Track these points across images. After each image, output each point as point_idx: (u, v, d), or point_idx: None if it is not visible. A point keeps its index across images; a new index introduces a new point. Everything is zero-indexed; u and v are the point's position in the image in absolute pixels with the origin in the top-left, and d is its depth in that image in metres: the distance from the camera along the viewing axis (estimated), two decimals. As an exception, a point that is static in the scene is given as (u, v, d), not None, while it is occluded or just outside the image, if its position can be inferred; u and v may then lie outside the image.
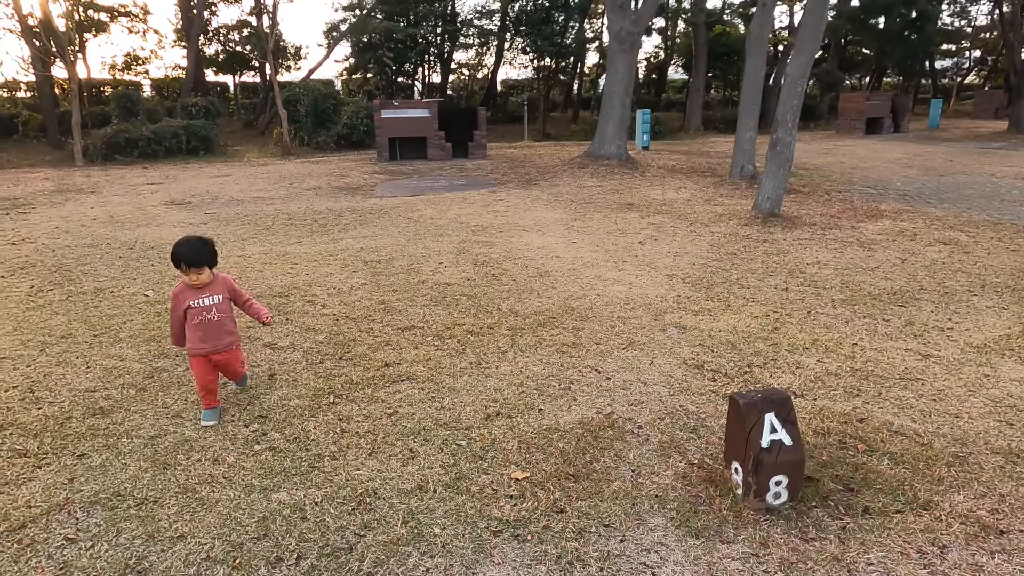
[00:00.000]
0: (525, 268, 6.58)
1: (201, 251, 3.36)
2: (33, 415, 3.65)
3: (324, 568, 2.46)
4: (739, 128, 12.76)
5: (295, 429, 3.48)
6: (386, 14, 26.14)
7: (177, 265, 3.37)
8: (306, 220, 9.23)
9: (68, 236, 8.36)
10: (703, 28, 26.59)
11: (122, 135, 17.45)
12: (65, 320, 5.19)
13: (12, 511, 2.81)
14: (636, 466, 3.11)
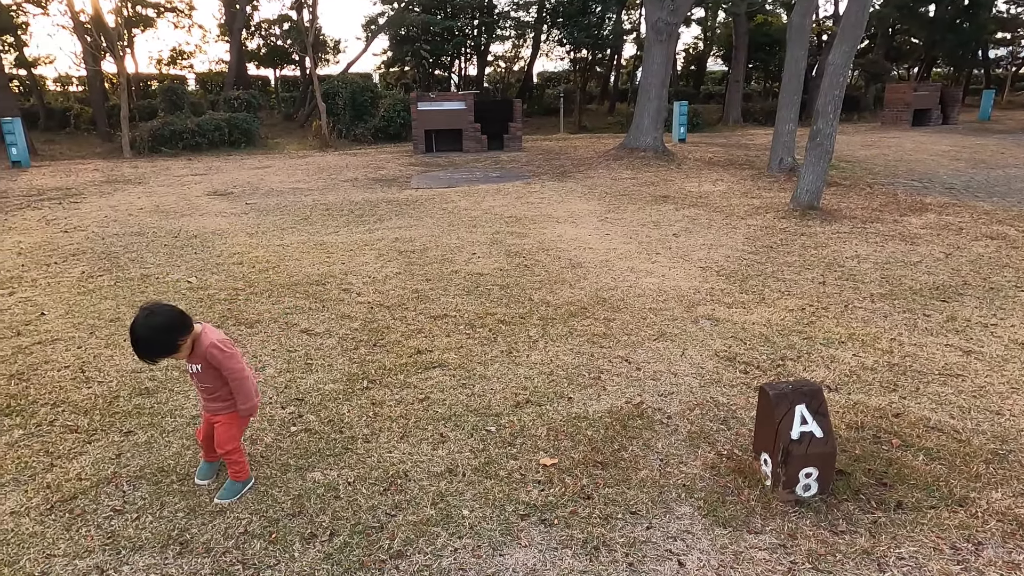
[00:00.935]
0: (558, 259, 6.59)
1: (161, 339, 2.52)
2: (84, 394, 3.82)
3: (356, 545, 2.54)
4: (778, 120, 12.51)
5: (330, 412, 3.57)
6: (424, 7, 26.27)
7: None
8: (343, 211, 9.39)
9: (116, 225, 8.66)
10: (744, 18, 26.07)
11: (167, 128, 17.94)
12: (113, 304, 5.40)
13: (64, 483, 2.96)
14: (664, 455, 3.12)
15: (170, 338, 2.52)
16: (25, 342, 4.61)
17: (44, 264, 6.72)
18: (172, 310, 2.58)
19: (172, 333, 2.53)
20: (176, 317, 2.56)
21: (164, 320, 2.52)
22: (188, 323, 2.59)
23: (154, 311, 2.54)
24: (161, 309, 2.56)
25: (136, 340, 2.49)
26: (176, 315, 2.56)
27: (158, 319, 2.51)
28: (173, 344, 2.53)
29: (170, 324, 2.53)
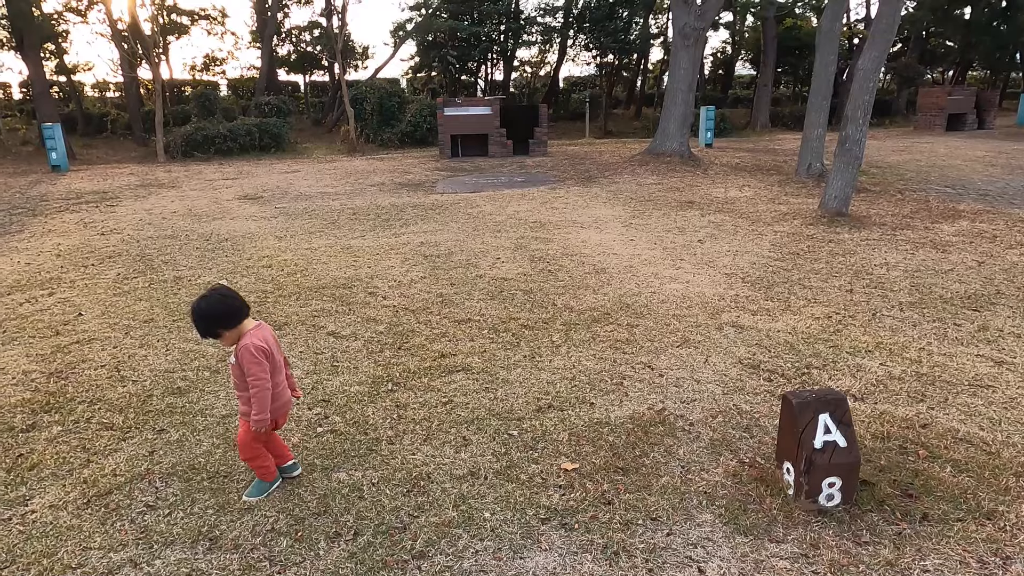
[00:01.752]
0: (581, 264, 6.61)
1: (199, 323, 2.66)
2: (119, 392, 3.94)
3: (379, 545, 2.59)
4: (807, 125, 12.37)
5: (355, 414, 3.64)
6: (451, 13, 26.48)
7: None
8: (370, 215, 9.51)
9: (151, 228, 8.88)
10: (772, 22, 25.81)
11: (200, 132, 18.33)
12: (147, 306, 5.55)
13: (100, 478, 3.06)
14: (686, 462, 3.12)
15: (209, 325, 2.65)
16: (64, 341, 4.76)
17: (82, 266, 6.93)
18: (223, 301, 2.66)
19: (212, 322, 2.64)
20: (223, 310, 2.65)
21: (209, 308, 2.63)
22: (234, 317, 2.67)
23: (209, 297, 2.66)
24: (215, 297, 2.66)
25: (193, 311, 2.66)
26: (224, 308, 2.65)
27: (205, 305, 2.63)
28: (212, 331, 2.66)
29: (213, 313, 2.64)
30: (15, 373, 4.22)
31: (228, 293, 2.71)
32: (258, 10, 26.94)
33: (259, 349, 2.66)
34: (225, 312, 2.66)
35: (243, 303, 2.72)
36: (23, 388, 4.01)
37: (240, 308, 2.69)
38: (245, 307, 2.72)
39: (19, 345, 4.71)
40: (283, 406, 2.85)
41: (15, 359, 4.45)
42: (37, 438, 3.43)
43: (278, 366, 2.80)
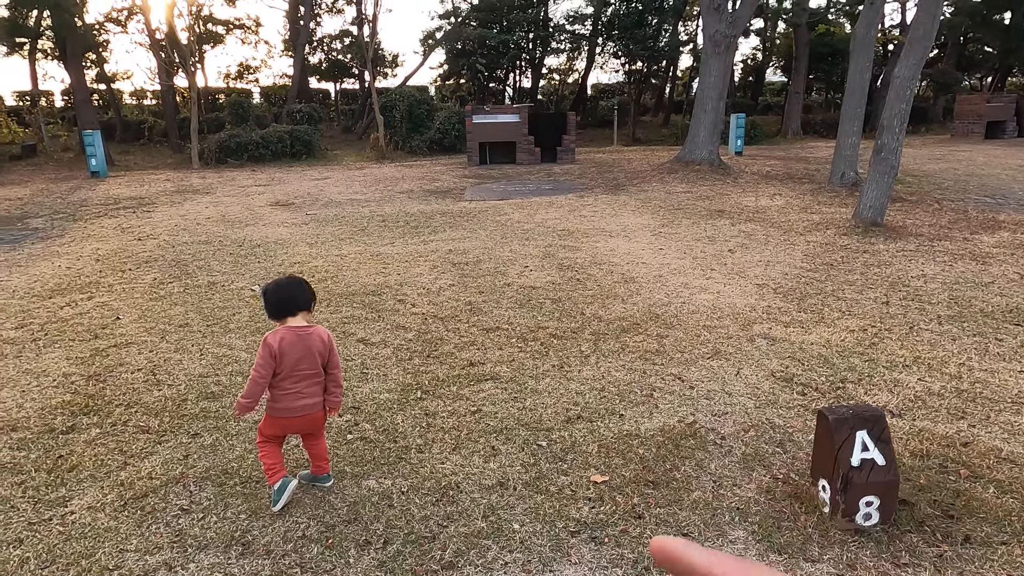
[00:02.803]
0: (610, 273, 6.57)
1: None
2: (155, 396, 4.02)
3: (408, 554, 2.59)
4: (841, 132, 12.17)
5: (384, 421, 3.66)
6: (480, 21, 26.66)
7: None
8: (399, 222, 9.59)
9: (186, 233, 9.07)
10: (805, 28, 25.49)
11: (234, 140, 18.69)
12: (183, 310, 5.66)
13: (136, 481, 3.12)
14: (717, 477, 3.07)
15: (266, 309, 2.88)
16: (102, 345, 4.87)
17: (120, 270, 7.10)
18: (278, 291, 2.85)
19: (267, 307, 2.87)
20: (273, 299, 2.85)
21: (266, 293, 2.87)
22: (280, 310, 2.84)
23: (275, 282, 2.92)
24: (275, 287, 2.88)
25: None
26: (275, 299, 2.85)
27: (267, 288, 2.89)
28: (269, 313, 2.88)
29: (266, 300, 2.86)
30: (56, 375, 4.33)
31: (285, 284, 2.90)
32: (291, 19, 27.42)
33: (265, 344, 2.77)
34: (276, 301, 2.84)
35: (290, 300, 2.84)
36: (63, 390, 4.11)
37: (283, 302, 2.84)
38: (293, 304, 2.84)
39: (60, 348, 4.83)
40: (290, 412, 2.82)
41: (56, 362, 4.57)
42: (76, 440, 3.51)
43: (294, 372, 2.79)
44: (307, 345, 2.82)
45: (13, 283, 6.67)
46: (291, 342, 2.78)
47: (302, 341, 2.81)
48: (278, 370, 2.78)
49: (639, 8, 26.13)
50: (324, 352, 2.87)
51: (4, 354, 4.72)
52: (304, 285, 2.92)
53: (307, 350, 2.82)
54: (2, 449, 3.42)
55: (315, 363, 2.85)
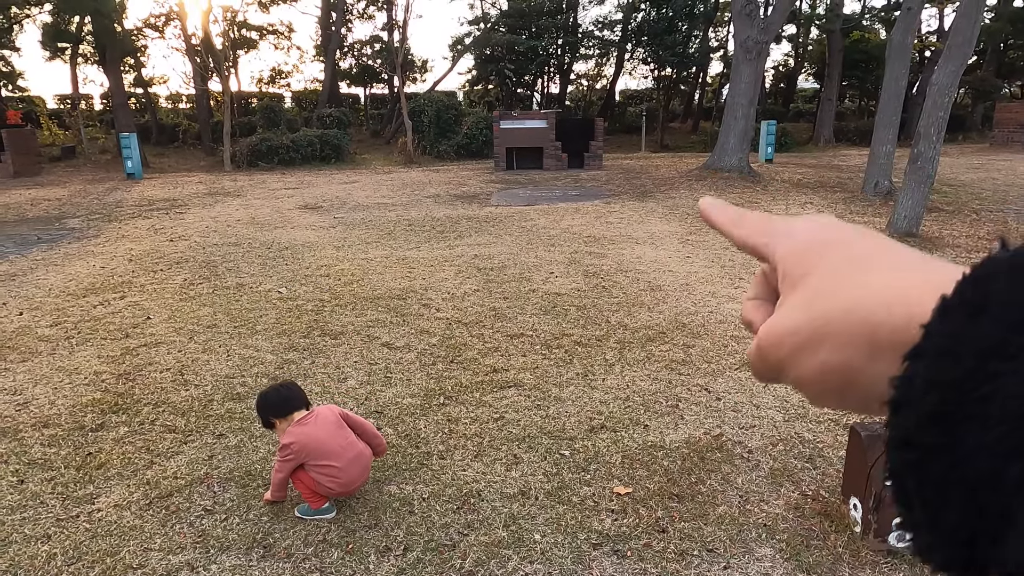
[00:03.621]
0: (636, 281, 6.51)
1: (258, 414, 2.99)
2: (182, 396, 4.07)
3: (428, 562, 2.57)
4: (875, 141, 11.93)
5: (407, 426, 3.65)
6: (509, 27, 26.75)
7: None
8: (425, 226, 9.62)
9: (216, 235, 9.21)
10: (839, 34, 25.10)
11: (265, 143, 18.98)
12: (211, 312, 5.74)
13: (162, 480, 3.15)
14: (744, 492, 3.01)
15: (263, 414, 2.91)
16: (132, 344, 4.96)
17: (151, 271, 7.23)
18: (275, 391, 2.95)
19: (265, 410, 2.90)
20: (274, 398, 2.90)
21: (265, 397, 2.93)
22: (283, 407, 2.85)
23: (269, 388, 3.02)
24: (274, 386, 3.03)
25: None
26: (278, 398, 2.89)
27: (264, 394, 2.96)
28: (265, 419, 2.92)
29: (267, 402, 2.90)
30: (87, 373, 4.41)
31: (283, 385, 3.00)
32: (323, 25, 27.82)
33: (283, 446, 2.77)
34: (273, 404, 2.87)
35: (293, 397, 2.89)
36: (94, 388, 4.19)
37: (285, 401, 2.86)
38: (297, 400, 2.86)
39: (92, 346, 4.93)
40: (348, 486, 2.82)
41: (88, 360, 4.65)
42: (105, 438, 3.57)
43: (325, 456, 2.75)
44: (323, 422, 2.82)
45: (50, 281, 6.83)
46: (307, 432, 2.76)
47: (314, 425, 2.79)
48: (311, 461, 2.76)
49: (669, 14, 25.97)
50: (339, 418, 2.88)
51: (39, 351, 4.83)
52: (298, 387, 3.00)
53: (327, 425, 2.81)
54: (34, 445, 3.48)
55: (343, 431, 2.85)
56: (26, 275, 7.14)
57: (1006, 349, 0.22)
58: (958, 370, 0.23)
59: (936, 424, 0.23)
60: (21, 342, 5.02)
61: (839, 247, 0.33)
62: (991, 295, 0.23)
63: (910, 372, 0.24)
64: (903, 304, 0.27)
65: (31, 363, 4.61)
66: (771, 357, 0.33)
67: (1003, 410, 0.21)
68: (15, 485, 3.13)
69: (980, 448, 0.21)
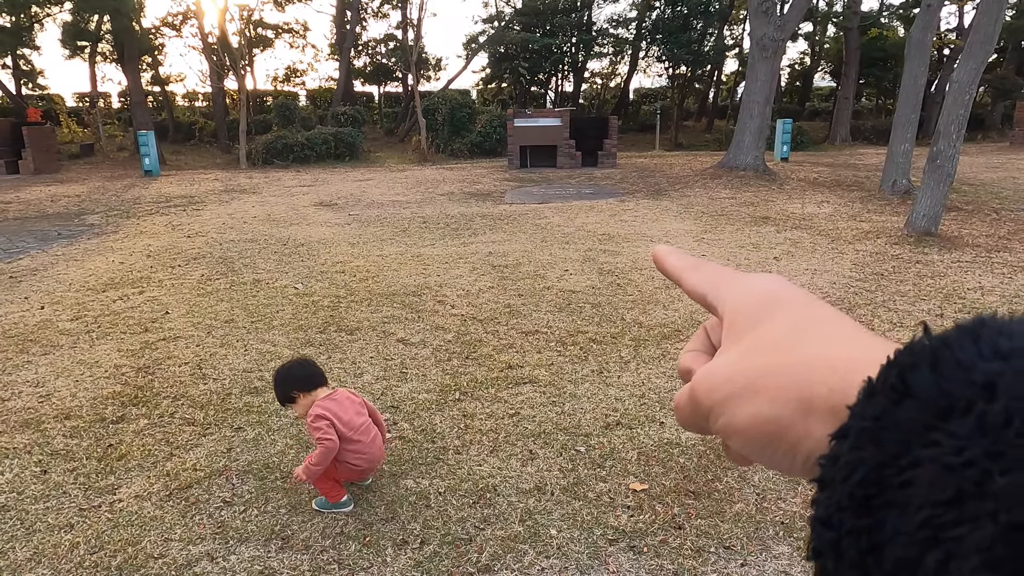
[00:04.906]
0: (651, 279, 6.49)
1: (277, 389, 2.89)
2: (200, 389, 4.11)
3: (445, 555, 2.58)
4: (893, 139, 11.82)
5: (423, 421, 3.67)
6: (523, 25, 26.75)
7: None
8: (439, 224, 9.65)
9: (232, 231, 9.29)
10: (856, 32, 24.88)
11: (280, 141, 19.12)
12: (228, 307, 5.79)
13: (181, 472, 3.19)
14: (761, 489, 2.99)
15: (285, 388, 2.84)
16: (151, 338, 5.01)
17: (169, 266, 7.30)
18: (300, 364, 2.92)
19: (288, 384, 2.83)
20: (299, 371, 2.86)
21: (288, 370, 2.88)
22: (309, 381, 2.83)
23: (298, 359, 3.01)
24: (297, 360, 2.99)
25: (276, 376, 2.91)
26: (301, 369, 2.87)
27: (286, 368, 2.90)
28: (287, 394, 2.83)
29: (291, 375, 2.85)
30: (108, 367, 4.47)
31: (307, 362, 2.98)
32: (337, 24, 27.95)
33: (317, 417, 2.72)
34: (295, 377, 2.83)
35: (316, 374, 2.88)
36: (114, 381, 4.24)
37: (312, 376, 2.85)
38: (319, 376, 2.87)
39: (112, 340, 4.99)
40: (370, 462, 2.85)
41: (108, 353, 4.71)
42: (125, 430, 3.61)
43: (353, 431, 2.75)
44: (346, 401, 2.83)
45: (70, 276, 6.92)
46: (335, 408, 2.76)
47: (338, 403, 2.80)
48: (342, 434, 2.74)
49: (684, 12, 25.86)
50: (362, 402, 2.90)
51: (60, 345, 4.90)
52: (317, 364, 3.01)
53: (351, 404, 2.84)
54: (56, 436, 3.54)
55: (363, 412, 2.87)
56: (47, 270, 7.25)
57: (928, 436, 0.22)
58: (880, 454, 0.23)
59: (857, 507, 0.23)
60: (43, 336, 5.09)
61: (787, 308, 0.34)
62: (913, 383, 0.23)
63: (835, 451, 0.25)
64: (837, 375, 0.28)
65: (53, 356, 4.68)
66: (703, 402, 0.33)
67: (923, 498, 0.21)
68: (39, 475, 3.18)
69: (898, 534, 0.21)
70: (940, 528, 0.20)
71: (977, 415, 0.21)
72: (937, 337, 0.24)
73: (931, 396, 0.22)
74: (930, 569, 0.20)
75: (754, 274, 0.39)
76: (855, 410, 0.25)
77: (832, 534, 0.23)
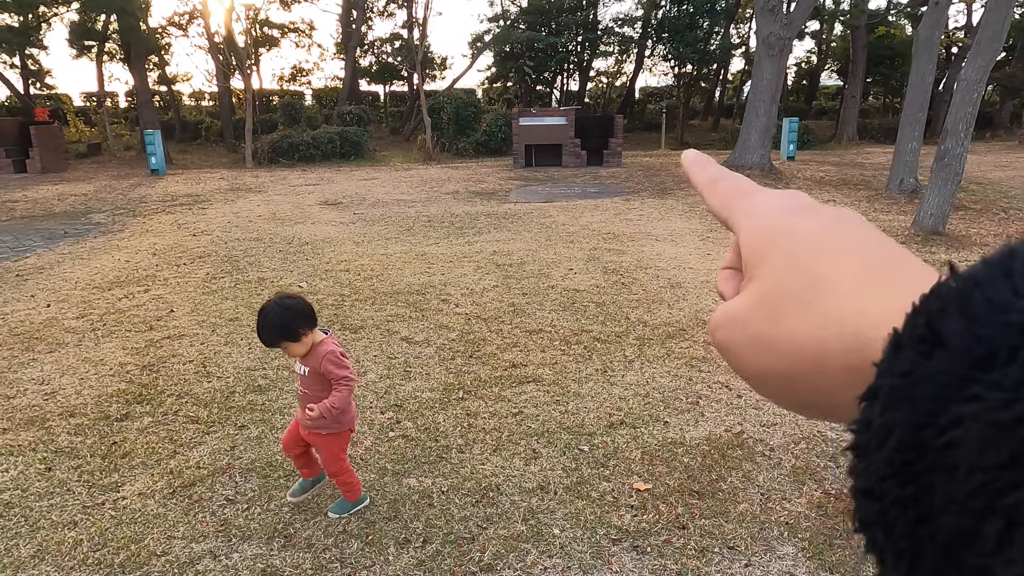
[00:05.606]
0: (656, 278, 6.47)
1: (271, 328, 2.58)
2: (204, 387, 4.12)
3: (447, 555, 2.58)
4: (900, 138, 11.75)
5: (426, 420, 3.66)
6: (529, 24, 26.73)
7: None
8: (444, 223, 9.65)
9: (238, 230, 9.31)
10: (863, 30, 24.74)
11: (286, 140, 19.14)
12: (233, 305, 5.80)
13: (185, 470, 3.19)
14: (766, 489, 2.97)
15: (295, 323, 2.56)
16: (156, 336, 5.02)
17: (175, 264, 7.32)
18: (303, 300, 2.66)
19: (298, 319, 2.57)
20: (306, 307, 2.63)
21: (295, 304, 2.60)
22: (314, 317, 2.64)
23: (289, 295, 2.68)
24: (294, 296, 2.69)
25: (265, 316, 2.56)
26: (306, 305, 2.64)
27: (290, 302, 2.60)
28: (296, 330, 2.56)
29: (300, 310, 2.59)
30: (112, 364, 4.48)
31: (302, 297, 2.72)
32: (343, 23, 27.99)
33: (342, 354, 2.64)
34: (308, 309, 2.62)
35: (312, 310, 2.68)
36: (119, 379, 4.25)
37: (311, 312, 2.65)
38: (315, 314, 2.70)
39: (117, 338, 5.00)
40: (353, 419, 2.81)
41: (113, 351, 4.72)
42: (130, 427, 3.62)
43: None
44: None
45: (76, 275, 6.94)
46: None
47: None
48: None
49: (690, 11, 25.80)
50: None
51: (65, 342, 4.91)
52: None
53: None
54: (61, 434, 3.55)
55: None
56: (53, 268, 7.27)
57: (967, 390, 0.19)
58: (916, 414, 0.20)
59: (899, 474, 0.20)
60: (48, 333, 5.11)
61: (797, 240, 0.31)
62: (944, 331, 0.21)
63: (866, 415, 0.22)
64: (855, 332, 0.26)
65: (58, 354, 4.69)
66: (718, 343, 0.32)
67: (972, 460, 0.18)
68: (43, 472, 3.19)
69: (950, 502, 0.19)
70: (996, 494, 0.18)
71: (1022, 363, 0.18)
72: (964, 276, 0.22)
73: (965, 344, 0.20)
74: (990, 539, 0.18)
75: (768, 193, 0.37)
76: (882, 367, 0.22)
77: (877, 505, 0.21)
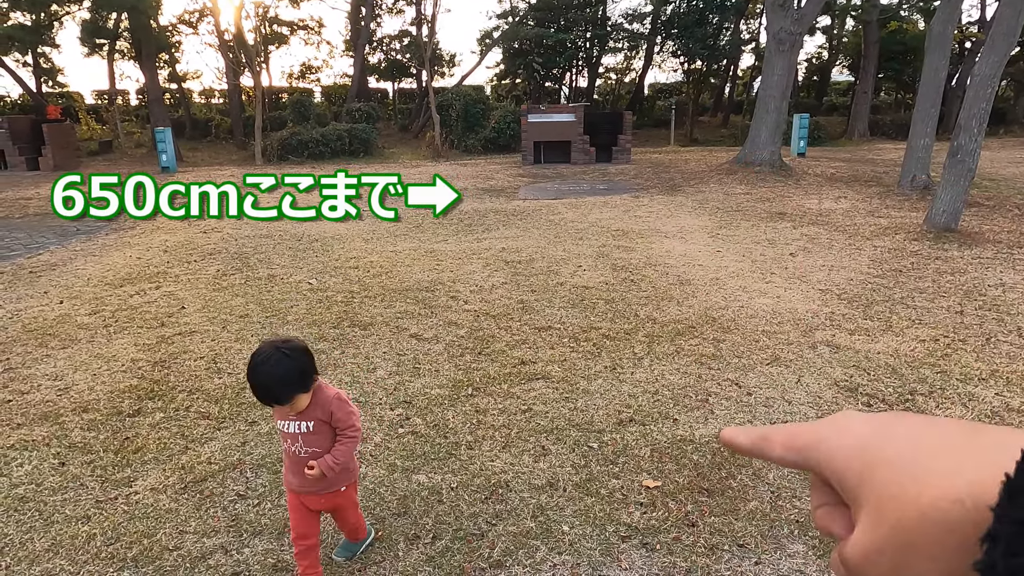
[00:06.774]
0: (665, 275, 6.45)
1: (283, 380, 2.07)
2: (215, 383, 4.14)
3: (457, 551, 2.58)
4: (912, 134, 11.64)
5: (435, 416, 3.67)
6: (538, 21, 26.66)
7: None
8: (452, 220, 9.65)
9: (248, 227, 9.35)
10: (875, 25, 24.52)
11: (295, 137, 19.21)
12: (243, 301, 5.83)
13: (196, 465, 3.21)
14: (776, 488, 2.96)
15: (309, 366, 2.14)
16: (168, 332, 5.06)
17: (185, 261, 7.37)
18: (303, 347, 2.16)
19: (307, 358, 2.13)
20: (309, 358, 2.15)
21: (296, 343, 2.14)
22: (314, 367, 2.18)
23: (281, 339, 2.16)
24: (285, 337, 2.23)
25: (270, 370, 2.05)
26: (309, 356, 2.15)
27: (291, 343, 2.12)
28: (310, 375, 2.14)
29: (304, 348, 2.15)
30: (124, 360, 4.52)
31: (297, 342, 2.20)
32: (352, 20, 28.01)
33: (346, 400, 2.25)
34: (311, 356, 2.16)
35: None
36: (131, 375, 4.28)
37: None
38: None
39: (129, 334, 5.04)
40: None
41: (125, 347, 4.76)
42: (141, 423, 3.65)
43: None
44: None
45: (88, 271, 7.00)
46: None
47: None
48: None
49: (700, 6, 25.64)
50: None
51: (78, 339, 4.96)
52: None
53: None
54: (74, 429, 3.58)
55: None
56: (66, 265, 7.34)
57: None
58: None
59: None
60: (61, 330, 5.16)
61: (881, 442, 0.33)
62: None
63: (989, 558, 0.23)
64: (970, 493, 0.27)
65: (71, 350, 4.73)
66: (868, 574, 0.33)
67: None
68: (56, 467, 3.22)
69: None
70: None
71: None
72: None
73: None
74: None
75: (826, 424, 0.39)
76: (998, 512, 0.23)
77: None
